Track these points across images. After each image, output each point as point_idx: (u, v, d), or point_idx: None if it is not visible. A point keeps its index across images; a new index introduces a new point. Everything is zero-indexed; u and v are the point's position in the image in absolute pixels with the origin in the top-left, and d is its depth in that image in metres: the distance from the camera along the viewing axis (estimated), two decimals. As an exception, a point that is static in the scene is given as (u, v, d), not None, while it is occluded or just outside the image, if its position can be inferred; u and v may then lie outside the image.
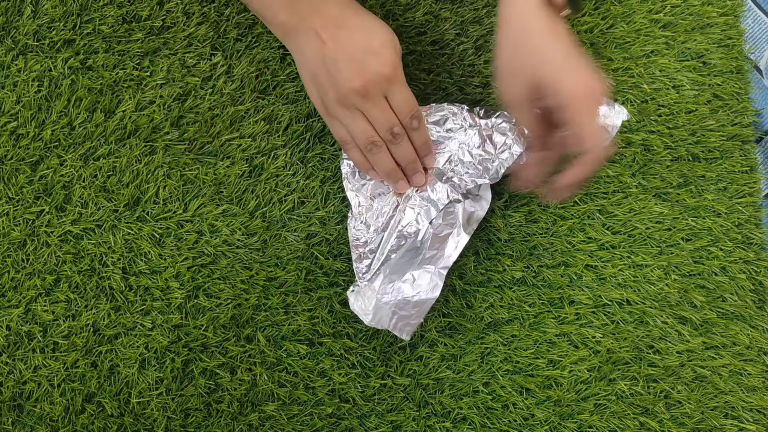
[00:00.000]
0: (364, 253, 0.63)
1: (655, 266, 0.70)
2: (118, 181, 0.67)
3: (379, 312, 0.62)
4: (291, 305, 0.67)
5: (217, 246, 0.67)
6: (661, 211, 0.71)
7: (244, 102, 0.68)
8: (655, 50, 0.74)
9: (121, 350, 0.65)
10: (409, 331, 0.62)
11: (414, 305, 0.62)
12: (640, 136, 0.72)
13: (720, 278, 0.71)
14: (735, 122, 0.74)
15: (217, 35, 0.69)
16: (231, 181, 0.68)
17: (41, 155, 0.67)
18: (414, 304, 0.62)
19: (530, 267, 0.69)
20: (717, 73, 0.75)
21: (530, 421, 0.67)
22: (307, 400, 0.66)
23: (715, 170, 0.73)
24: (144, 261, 0.66)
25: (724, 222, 0.72)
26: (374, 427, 0.66)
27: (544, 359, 0.68)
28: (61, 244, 0.66)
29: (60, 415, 0.64)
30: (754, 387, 0.69)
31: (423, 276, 0.62)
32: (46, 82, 0.67)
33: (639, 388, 0.68)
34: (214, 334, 0.66)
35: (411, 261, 0.62)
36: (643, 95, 0.73)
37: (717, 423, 0.68)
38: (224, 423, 0.65)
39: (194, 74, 0.69)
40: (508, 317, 0.68)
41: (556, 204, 0.69)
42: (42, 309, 0.65)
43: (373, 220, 0.63)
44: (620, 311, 0.69)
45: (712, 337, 0.70)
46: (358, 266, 0.63)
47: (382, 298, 0.62)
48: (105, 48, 0.68)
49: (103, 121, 0.67)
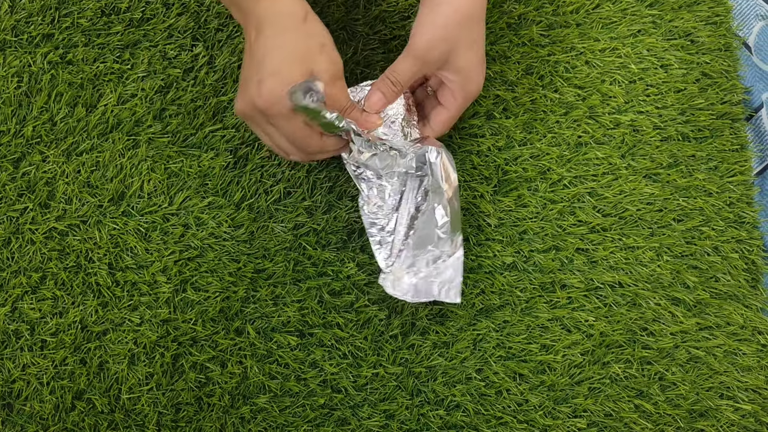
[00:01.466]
0: (383, 237, 0.63)
1: (647, 248, 0.70)
2: (102, 176, 0.66)
3: (420, 288, 0.63)
4: (280, 297, 0.66)
5: (204, 239, 0.66)
6: (651, 192, 0.71)
7: (227, 92, 0.68)
8: (642, 29, 0.73)
9: (110, 346, 0.65)
10: (456, 292, 0.63)
11: (447, 267, 0.63)
12: (628, 117, 0.72)
13: (712, 258, 0.70)
14: (724, 100, 0.73)
15: (198, 26, 0.68)
16: (216, 173, 0.67)
17: (23, 152, 0.66)
18: (447, 266, 0.63)
19: (521, 252, 0.69)
20: (705, 51, 0.74)
21: (524, 406, 0.66)
22: (299, 391, 0.65)
23: (706, 149, 0.72)
24: (130, 256, 0.66)
25: (715, 201, 0.71)
26: (367, 416, 0.65)
27: (536, 344, 0.67)
28: (46, 241, 0.65)
29: (50, 413, 0.64)
30: (749, 367, 0.69)
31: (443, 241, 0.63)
32: (25, 77, 0.66)
33: (633, 370, 0.67)
34: (204, 328, 0.65)
35: (429, 232, 0.63)
36: (630, 75, 0.72)
37: (712, 404, 0.67)
38: (216, 416, 0.64)
39: (176, 66, 0.68)
40: (500, 303, 0.68)
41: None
42: (29, 307, 0.65)
43: (384, 201, 0.63)
44: (613, 294, 0.69)
45: (706, 317, 0.69)
46: (379, 249, 0.63)
47: (419, 273, 0.63)
48: (84, 41, 0.67)
49: (85, 116, 0.67)
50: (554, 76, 0.72)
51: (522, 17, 0.73)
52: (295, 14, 0.56)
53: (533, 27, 0.73)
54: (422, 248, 0.63)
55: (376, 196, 0.63)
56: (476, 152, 0.70)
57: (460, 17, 0.57)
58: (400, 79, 0.60)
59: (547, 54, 0.72)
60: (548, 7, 0.73)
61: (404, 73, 0.60)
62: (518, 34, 0.72)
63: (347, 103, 0.59)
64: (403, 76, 0.60)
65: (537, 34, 0.73)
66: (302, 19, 0.56)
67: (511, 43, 0.72)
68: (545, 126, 0.71)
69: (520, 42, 0.72)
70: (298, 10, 0.56)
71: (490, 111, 0.71)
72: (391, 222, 0.63)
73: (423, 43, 0.58)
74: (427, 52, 0.58)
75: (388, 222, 0.63)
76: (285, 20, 0.56)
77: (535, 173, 0.70)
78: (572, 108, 0.71)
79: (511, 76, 0.72)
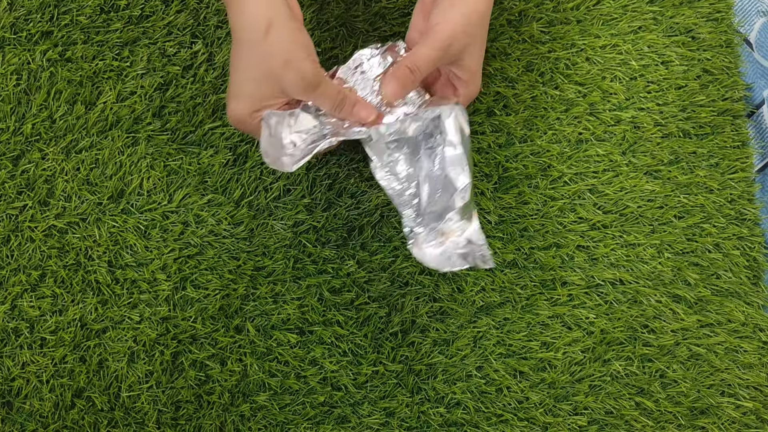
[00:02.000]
0: (405, 200, 0.61)
1: (648, 245, 0.69)
2: (101, 174, 0.66)
3: (448, 258, 0.59)
4: (280, 294, 0.66)
5: (204, 236, 0.66)
6: (652, 188, 0.70)
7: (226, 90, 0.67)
8: (643, 26, 0.73)
9: (110, 344, 0.65)
10: (486, 258, 0.60)
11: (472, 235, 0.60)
12: (629, 114, 0.71)
13: (714, 255, 0.70)
14: (725, 97, 0.73)
15: (197, 23, 0.68)
16: (215, 171, 0.67)
17: (22, 149, 0.66)
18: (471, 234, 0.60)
19: (521, 249, 0.69)
20: (706, 48, 0.74)
21: (525, 404, 0.66)
22: (299, 389, 0.65)
23: (707, 146, 0.72)
24: (130, 254, 0.66)
25: (716, 198, 0.71)
26: (367, 414, 0.65)
27: (537, 342, 0.67)
28: (45, 239, 0.65)
29: (50, 411, 0.64)
30: (750, 364, 0.68)
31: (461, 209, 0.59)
32: (24, 75, 0.66)
33: (634, 368, 0.67)
34: (203, 326, 0.65)
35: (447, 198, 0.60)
36: (631, 72, 0.72)
37: (713, 401, 0.67)
38: (215, 414, 0.64)
39: (175, 63, 0.68)
40: (500, 300, 0.68)
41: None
42: (28, 305, 0.65)
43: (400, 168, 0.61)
44: (613, 291, 0.68)
45: (707, 314, 0.69)
46: (406, 212, 0.60)
47: (444, 242, 0.60)
48: (83, 39, 0.67)
49: (84, 113, 0.66)
50: (555, 72, 0.72)
51: (522, 14, 0.73)
52: (257, 27, 0.52)
53: (533, 24, 0.72)
54: (441, 218, 0.60)
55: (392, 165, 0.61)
56: (476, 149, 0.70)
57: (479, 16, 0.57)
58: (419, 66, 0.57)
59: (547, 51, 0.72)
60: (548, 3, 0.73)
61: (425, 61, 0.57)
62: (519, 30, 0.72)
63: (335, 104, 0.57)
64: (423, 63, 0.57)
65: (537, 30, 0.72)
66: (264, 33, 0.53)
67: (512, 39, 0.72)
68: (546, 123, 0.71)
69: (521, 39, 0.72)
70: (260, 22, 0.52)
71: (491, 108, 0.71)
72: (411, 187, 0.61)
73: (447, 32, 0.56)
74: (450, 43, 0.57)
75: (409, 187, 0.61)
76: (246, 35, 0.53)
77: (535, 170, 0.70)
78: (573, 105, 0.71)
79: (511, 72, 0.71)
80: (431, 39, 0.57)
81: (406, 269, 0.67)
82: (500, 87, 0.71)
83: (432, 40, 0.57)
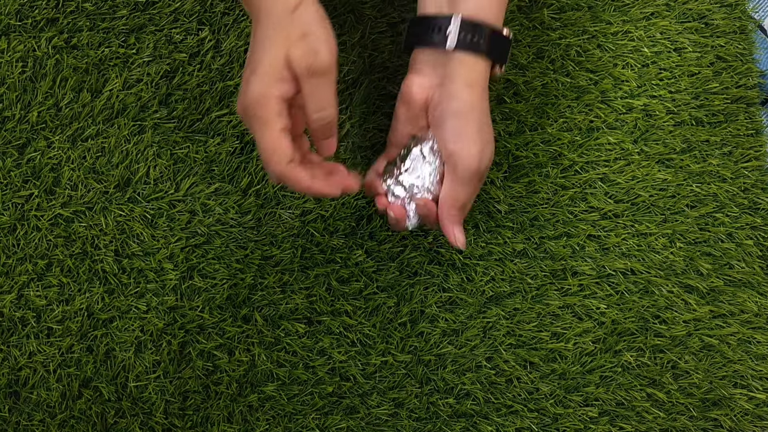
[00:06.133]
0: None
1: (660, 234, 0.69)
2: (108, 162, 0.66)
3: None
4: (288, 284, 0.66)
5: (211, 225, 0.66)
6: (664, 177, 0.69)
7: (234, 77, 0.67)
8: (656, 12, 0.72)
9: (117, 334, 0.64)
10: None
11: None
12: (641, 102, 0.70)
13: (726, 245, 0.69)
14: (739, 84, 0.72)
15: (204, 9, 0.67)
16: (222, 159, 0.66)
17: (28, 138, 0.65)
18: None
19: (531, 238, 0.68)
20: (720, 34, 0.73)
21: (535, 395, 0.65)
22: (307, 379, 0.65)
23: (720, 134, 0.71)
24: (137, 243, 0.65)
25: (729, 187, 0.70)
26: (376, 405, 0.64)
27: (547, 332, 0.66)
28: (51, 228, 0.65)
29: (57, 401, 0.63)
30: (763, 355, 0.68)
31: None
32: (30, 62, 0.66)
33: (645, 359, 0.66)
34: (211, 315, 0.65)
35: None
36: (643, 59, 0.71)
37: (726, 392, 0.66)
38: (223, 405, 0.64)
39: (181, 50, 0.67)
40: (510, 290, 0.67)
41: None
42: (35, 294, 0.64)
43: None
44: (625, 281, 0.68)
45: (720, 305, 0.68)
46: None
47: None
48: (89, 26, 0.66)
49: (90, 101, 0.66)
50: (566, 59, 0.71)
51: (533, 0, 0.72)
52: (286, 5, 0.52)
53: (544, 10, 0.71)
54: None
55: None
56: (486, 137, 0.69)
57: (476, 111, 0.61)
58: (464, 203, 0.62)
59: (558, 37, 0.71)
60: (559, -11, 0.72)
61: (465, 196, 0.61)
62: (529, 17, 0.71)
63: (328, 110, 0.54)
64: (465, 198, 0.61)
65: (548, 17, 0.71)
66: (291, 10, 0.52)
67: (522, 26, 0.71)
68: (556, 111, 0.70)
69: (531, 25, 0.71)
70: (289, 1, 0.52)
71: (501, 95, 0.70)
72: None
73: (474, 165, 0.60)
74: (478, 168, 0.60)
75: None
76: (274, 11, 0.52)
77: (546, 159, 0.69)
78: (584, 92, 0.70)
79: (521, 59, 0.70)
80: (458, 176, 0.60)
81: (414, 259, 0.67)
82: (510, 74, 0.70)
83: (457, 174, 0.60)
